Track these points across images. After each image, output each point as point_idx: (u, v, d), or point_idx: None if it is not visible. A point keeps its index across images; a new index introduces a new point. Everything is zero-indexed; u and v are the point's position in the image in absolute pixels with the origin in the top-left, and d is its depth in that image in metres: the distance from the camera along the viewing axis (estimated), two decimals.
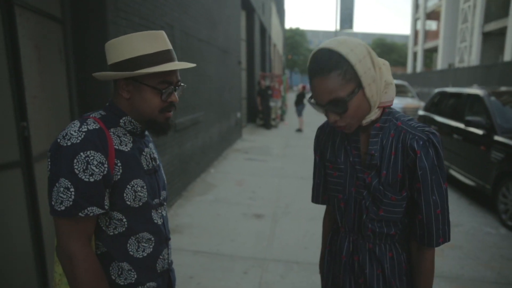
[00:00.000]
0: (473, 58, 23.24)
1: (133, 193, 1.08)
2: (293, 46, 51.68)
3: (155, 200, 1.17)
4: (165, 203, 1.26)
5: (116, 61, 1.06)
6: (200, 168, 6.03)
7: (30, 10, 2.43)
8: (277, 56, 26.59)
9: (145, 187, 1.11)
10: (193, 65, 1.12)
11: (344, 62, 0.97)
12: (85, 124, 1.02)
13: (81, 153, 0.96)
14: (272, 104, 12.54)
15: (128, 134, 1.12)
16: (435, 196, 1.05)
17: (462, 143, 5.35)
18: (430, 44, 33.65)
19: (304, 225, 4.09)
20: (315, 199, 1.38)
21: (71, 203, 0.96)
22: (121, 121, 1.11)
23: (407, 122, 1.10)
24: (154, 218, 1.17)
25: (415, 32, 37.07)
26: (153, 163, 1.20)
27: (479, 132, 4.90)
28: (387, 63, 1.11)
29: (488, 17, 22.03)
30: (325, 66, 0.98)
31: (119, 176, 1.04)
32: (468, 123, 5.09)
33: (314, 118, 16.25)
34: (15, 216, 2.28)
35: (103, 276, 1.03)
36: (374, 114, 1.08)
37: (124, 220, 1.09)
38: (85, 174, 0.96)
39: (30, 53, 2.43)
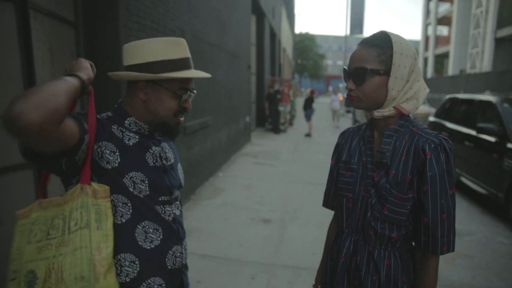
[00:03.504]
0: (485, 64, 22.97)
1: (132, 184, 1.09)
2: (303, 51, 51.64)
3: (161, 197, 1.17)
4: (177, 202, 1.25)
5: (137, 62, 1.09)
6: (208, 172, 6.04)
7: (44, 13, 2.46)
8: (287, 61, 26.60)
9: (146, 181, 1.12)
10: (210, 75, 1.20)
11: (388, 47, 1.08)
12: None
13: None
14: (281, 108, 12.54)
15: (133, 134, 1.15)
16: (443, 200, 1.06)
17: (473, 150, 5.28)
18: (441, 50, 33.36)
19: (312, 231, 4.06)
20: (326, 203, 1.43)
21: None
22: (125, 122, 1.14)
23: (423, 129, 1.13)
24: (160, 212, 1.17)
25: (426, 38, 36.81)
26: (163, 162, 1.20)
27: (492, 139, 4.82)
28: (427, 89, 1.15)
29: (500, 22, 21.77)
30: (372, 40, 1.11)
31: (116, 164, 1.07)
32: (480, 130, 5.02)
33: (323, 123, 16.21)
34: None
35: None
36: (388, 111, 1.12)
37: (129, 204, 1.09)
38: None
39: (43, 56, 2.46)
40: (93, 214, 1.00)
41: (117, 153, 1.08)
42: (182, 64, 1.11)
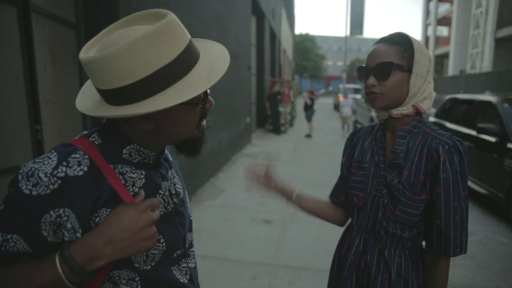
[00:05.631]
0: (485, 64, 22.96)
1: (144, 253, 0.80)
2: (303, 52, 51.64)
3: (177, 251, 0.88)
4: (191, 250, 0.96)
5: (121, 85, 0.68)
6: (209, 172, 6.04)
7: (46, 15, 2.47)
8: (287, 62, 26.62)
9: (161, 240, 0.83)
10: (229, 59, 0.84)
11: (409, 45, 1.10)
12: (64, 164, 0.70)
13: (51, 212, 0.69)
14: (281, 109, 12.55)
15: (135, 169, 0.80)
16: (456, 202, 1.05)
17: (474, 150, 5.28)
18: (441, 50, 33.36)
19: (313, 231, 4.07)
20: (331, 195, 1.43)
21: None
22: (124, 151, 0.79)
23: (436, 130, 1.13)
24: (177, 276, 0.87)
25: (426, 38, 36.80)
26: (174, 199, 0.89)
27: (492, 139, 4.83)
28: (434, 93, 1.17)
29: (500, 22, 21.77)
30: (394, 38, 1.11)
31: None
32: (480, 130, 5.03)
33: (324, 124, 16.20)
34: None
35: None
36: (407, 109, 1.11)
37: (137, 279, 0.81)
38: (52, 235, 0.71)
39: (45, 58, 2.47)
40: None
41: None
42: (187, 60, 0.73)
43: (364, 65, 1.15)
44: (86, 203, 0.71)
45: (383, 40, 1.13)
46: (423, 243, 1.20)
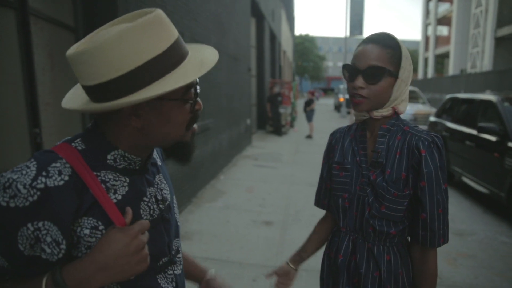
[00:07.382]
0: (485, 63, 22.95)
1: None
2: (303, 53, 51.71)
3: (163, 259, 0.86)
4: (178, 256, 0.94)
5: (112, 77, 0.67)
6: (210, 174, 6.04)
7: (44, 19, 2.48)
8: (287, 63, 26.64)
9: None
10: (217, 54, 0.83)
11: (397, 49, 1.10)
12: (43, 174, 0.67)
13: (29, 225, 0.65)
14: (282, 110, 12.55)
15: (119, 175, 0.78)
16: (439, 195, 1.09)
17: (474, 149, 5.27)
18: (441, 50, 33.35)
19: None
20: (317, 202, 1.45)
21: None
22: (108, 157, 0.77)
23: (414, 127, 1.17)
24: (162, 284, 0.86)
25: (426, 38, 36.81)
26: (160, 206, 0.87)
27: (493, 138, 4.82)
28: (408, 91, 1.19)
29: (500, 21, 21.76)
30: (384, 40, 1.10)
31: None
32: (481, 130, 5.02)
33: (325, 125, 16.20)
34: None
35: None
36: (387, 111, 1.14)
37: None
38: (28, 249, 0.67)
39: (44, 61, 2.48)
40: None
41: (100, 227, 0.73)
42: (177, 52, 0.73)
43: (350, 64, 1.14)
44: (68, 213, 0.68)
45: (373, 41, 1.10)
46: (409, 238, 1.23)
